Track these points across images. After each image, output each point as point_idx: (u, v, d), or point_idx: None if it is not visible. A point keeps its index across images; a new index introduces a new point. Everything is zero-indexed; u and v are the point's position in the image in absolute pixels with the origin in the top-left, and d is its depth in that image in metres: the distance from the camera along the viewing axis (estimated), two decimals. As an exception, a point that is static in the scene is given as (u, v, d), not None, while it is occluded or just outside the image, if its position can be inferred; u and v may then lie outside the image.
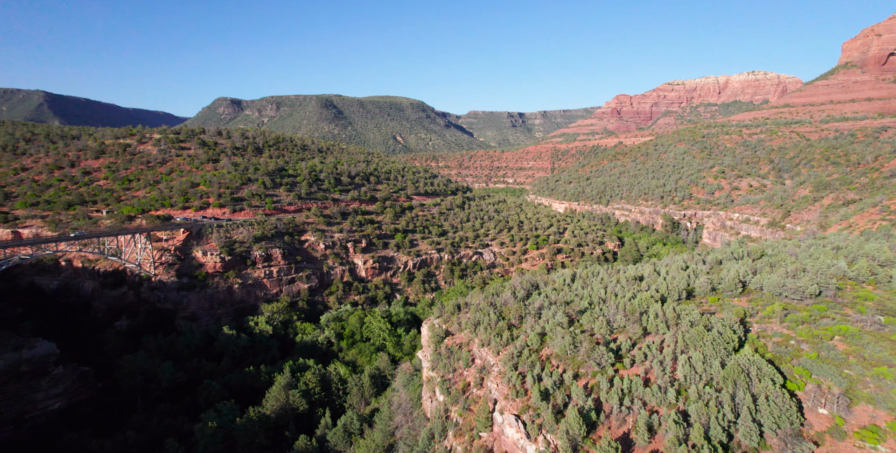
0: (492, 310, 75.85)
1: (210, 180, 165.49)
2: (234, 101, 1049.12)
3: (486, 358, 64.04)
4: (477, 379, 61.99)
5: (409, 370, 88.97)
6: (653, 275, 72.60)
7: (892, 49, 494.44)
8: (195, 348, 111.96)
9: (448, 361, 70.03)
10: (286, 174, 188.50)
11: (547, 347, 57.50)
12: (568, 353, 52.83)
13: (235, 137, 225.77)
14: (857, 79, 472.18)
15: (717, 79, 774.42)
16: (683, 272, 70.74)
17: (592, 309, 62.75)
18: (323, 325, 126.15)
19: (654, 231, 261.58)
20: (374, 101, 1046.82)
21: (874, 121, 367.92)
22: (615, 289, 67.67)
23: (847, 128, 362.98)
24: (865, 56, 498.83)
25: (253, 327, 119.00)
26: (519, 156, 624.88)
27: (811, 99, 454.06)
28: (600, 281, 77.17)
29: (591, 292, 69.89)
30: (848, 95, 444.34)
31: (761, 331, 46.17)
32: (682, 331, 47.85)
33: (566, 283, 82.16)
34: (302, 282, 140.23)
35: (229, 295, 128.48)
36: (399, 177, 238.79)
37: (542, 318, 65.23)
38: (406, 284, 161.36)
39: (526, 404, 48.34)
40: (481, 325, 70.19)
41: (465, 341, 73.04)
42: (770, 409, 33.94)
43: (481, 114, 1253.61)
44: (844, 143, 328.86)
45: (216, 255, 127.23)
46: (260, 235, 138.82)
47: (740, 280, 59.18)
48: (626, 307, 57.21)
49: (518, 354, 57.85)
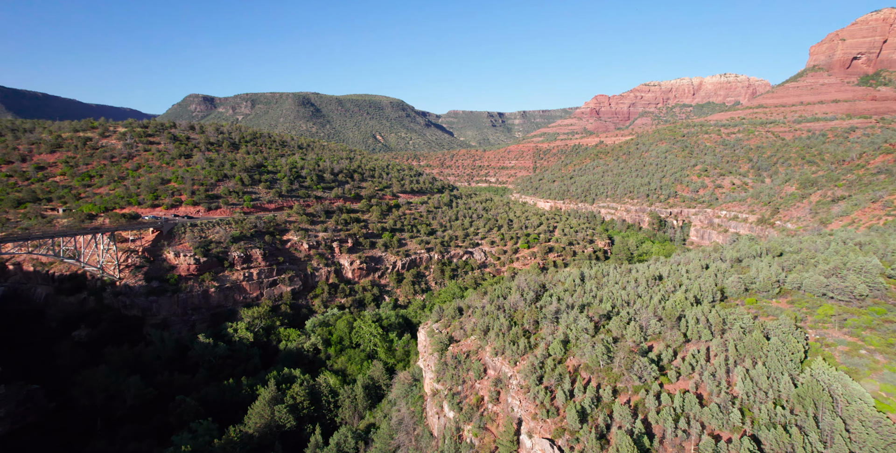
0: (501, 313, 69.56)
1: (182, 176, 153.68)
2: (207, 98, 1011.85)
3: (500, 368, 57.62)
4: (492, 392, 55.46)
5: (408, 380, 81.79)
6: (673, 274, 67.67)
7: (856, 53, 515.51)
8: (166, 359, 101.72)
9: (456, 371, 63.31)
10: (265, 170, 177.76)
11: (573, 357, 51.45)
12: (601, 364, 46.87)
13: (209, 132, 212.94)
14: (825, 81, 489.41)
15: (692, 80, 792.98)
16: (706, 271, 66.07)
17: (617, 312, 57.13)
18: (308, 331, 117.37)
19: (641, 229, 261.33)
20: (352, 100, 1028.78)
21: (843, 121, 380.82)
22: (637, 289, 62.28)
23: (818, 128, 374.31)
24: (831, 59, 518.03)
25: (232, 334, 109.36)
26: (501, 156, 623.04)
27: (783, 100, 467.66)
28: (615, 281, 71.90)
29: (610, 294, 64.37)
30: (817, 97, 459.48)
31: (821, 338, 41.27)
32: (732, 338, 42.40)
33: (577, 284, 76.63)
34: (284, 284, 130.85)
35: (205, 299, 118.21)
36: (384, 175, 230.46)
37: (560, 323, 59.27)
38: (395, 285, 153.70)
39: (560, 426, 42.10)
40: (492, 331, 63.76)
41: (474, 349, 66.49)
42: (868, 437, 28.70)
43: (461, 114, 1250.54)
44: (817, 143, 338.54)
45: (190, 257, 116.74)
46: (238, 235, 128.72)
47: (776, 279, 54.63)
48: (658, 310, 51.66)
49: (540, 365, 51.64)
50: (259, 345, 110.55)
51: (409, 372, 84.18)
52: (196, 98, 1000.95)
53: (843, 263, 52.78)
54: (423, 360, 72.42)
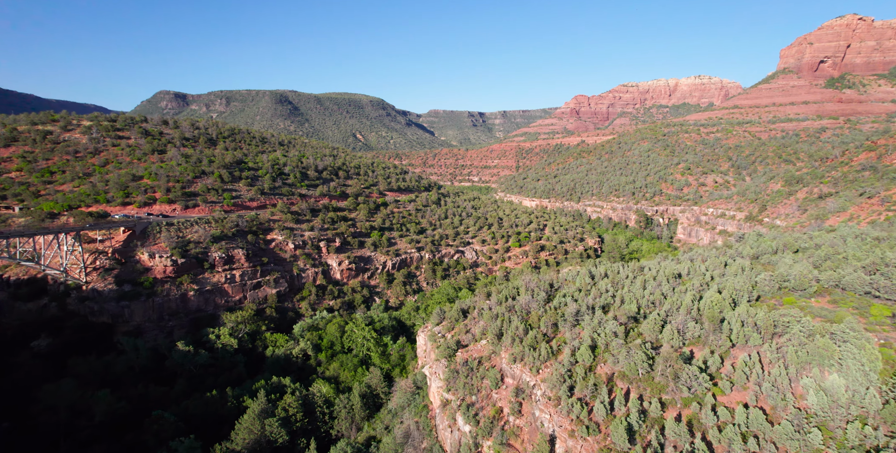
0: (513, 316, 64.90)
1: (156, 173, 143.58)
2: (179, 95, 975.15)
3: (520, 376, 52.84)
4: (513, 404, 50.62)
5: (409, 388, 76.27)
6: (693, 272, 64.25)
7: (822, 57, 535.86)
8: (140, 370, 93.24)
9: (468, 380, 58.32)
10: (246, 167, 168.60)
11: (604, 364, 47.06)
12: (639, 373, 42.58)
13: (184, 127, 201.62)
14: (795, 83, 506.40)
15: (668, 81, 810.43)
16: (728, 268, 62.92)
17: (644, 315, 53.03)
18: (297, 336, 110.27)
19: (627, 227, 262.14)
20: (331, 98, 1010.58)
21: (814, 122, 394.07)
22: (661, 289, 58.49)
23: (792, 128, 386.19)
24: (800, 63, 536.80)
25: (214, 341, 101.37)
26: (483, 155, 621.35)
27: (756, 101, 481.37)
28: (631, 280, 68.14)
29: (629, 293, 60.40)
30: (788, 98, 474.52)
31: (886, 342, 38.04)
32: (790, 343, 38.49)
33: (590, 283, 72.65)
34: (269, 286, 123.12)
35: (183, 303, 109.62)
36: (369, 173, 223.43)
37: (582, 326, 54.92)
38: (385, 286, 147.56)
39: (604, 445, 37.65)
40: (506, 336, 58.94)
41: (486, 354, 61.57)
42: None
43: (442, 113, 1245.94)
44: (792, 142, 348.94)
45: (166, 258, 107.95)
46: (219, 234, 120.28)
47: (812, 277, 51.66)
48: (693, 312, 47.73)
49: (568, 373, 47.05)
50: (244, 352, 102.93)
51: (409, 379, 78.64)
52: (167, 95, 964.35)
53: (882, 259, 50.17)
54: (429, 367, 67.11)
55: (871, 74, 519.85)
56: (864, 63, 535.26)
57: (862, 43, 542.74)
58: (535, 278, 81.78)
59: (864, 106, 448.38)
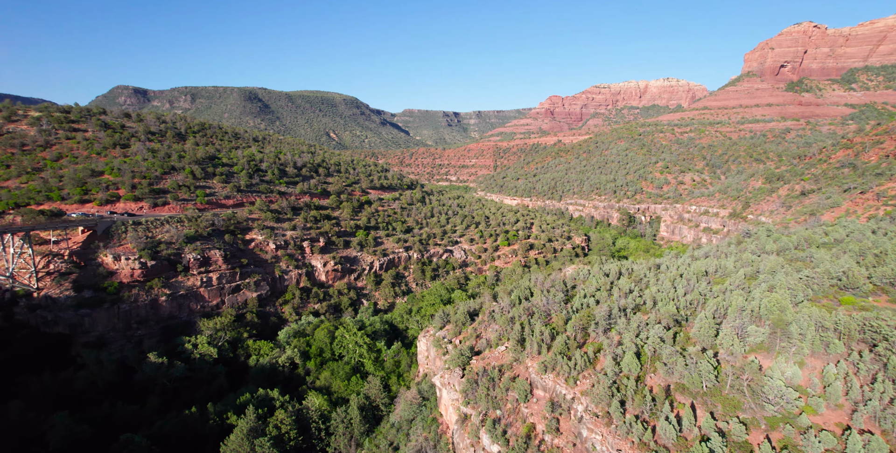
0: (533, 319, 59.69)
1: (119, 168, 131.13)
2: (139, 91, 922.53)
3: (553, 388, 47.46)
4: (549, 420, 45.17)
5: (415, 399, 69.88)
6: (722, 269, 60.60)
7: (783, 61, 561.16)
8: (105, 386, 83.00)
9: (490, 392, 52.59)
10: (219, 163, 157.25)
11: (653, 374, 42.12)
12: (703, 385, 37.80)
13: (149, 120, 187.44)
14: (759, 86, 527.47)
15: (638, 83, 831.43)
16: (760, 264, 59.43)
17: (684, 316, 48.66)
18: (283, 343, 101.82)
19: (610, 225, 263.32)
20: (303, 96, 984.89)
21: (779, 123, 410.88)
22: (696, 288, 54.24)
23: (759, 128, 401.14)
24: (763, 66, 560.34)
25: (190, 350, 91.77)
26: (461, 154, 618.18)
27: (724, 103, 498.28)
28: (655, 278, 64.11)
29: (659, 293, 56.01)
30: (753, 100, 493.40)
31: None
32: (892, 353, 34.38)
33: (610, 282, 68.28)
34: (249, 289, 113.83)
35: (153, 310, 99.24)
36: (350, 170, 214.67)
37: (616, 330, 50.10)
38: (373, 288, 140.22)
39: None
40: (531, 342, 53.56)
41: (506, 362, 55.98)
42: None
43: (417, 113, 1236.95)
44: (760, 142, 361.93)
45: (134, 260, 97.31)
46: (193, 234, 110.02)
47: (867, 274, 48.72)
48: (749, 312, 43.32)
49: (614, 386, 41.89)
50: (224, 362, 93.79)
51: (414, 389, 72.18)
52: (125, 90, 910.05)
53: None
54: (440, 377, 60.93)
55: (826, 79, 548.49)
56: (820, 68, 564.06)
57: (817, 49, 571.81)
58: (545, 277, 77.13)
59: (822, 109, 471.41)
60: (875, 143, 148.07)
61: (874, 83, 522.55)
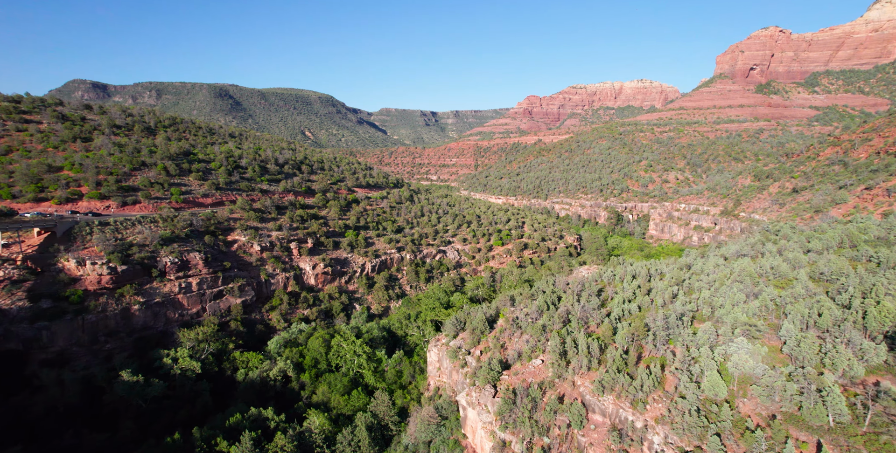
0: (569, 327, 53.74)
1: (82, 163, 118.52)
2: (98, 85, 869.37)
3: (615, 413, 41.40)
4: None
5: (431, 418, 62.80)
6: (777, 271, 55.56)
7: (752, 64, 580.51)
8: (68, 411, 72.65)
9: (532, 414, 46.24)
10: (195, 159, 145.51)
11: (746, 399, 36.19)
12: (829, 420, 31.93)
13: (114, 113, 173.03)
14: (731, 88, 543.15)
15: (613, 84, 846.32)
16: (820, 264, 54.70)
17: (756, 327, 43.34)
18: (273, 353, 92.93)
19: (597, 224, 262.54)
20: (277, 93, 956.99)
21: (753, 123, 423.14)
22: (763, 293, 48.76)
23: (734, 128, 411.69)
24: (734, 69, 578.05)
25: (169, 365, 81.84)
26: (441, 153, 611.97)
27: (699, 103, 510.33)
28: (699, 280, 58.94)
29: (718, 298, 50.07)
30: (726, 102, 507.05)
31: None
32: None
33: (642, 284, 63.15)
34: (233, 295, 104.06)
35: (125, 320, 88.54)
36: (335, 168, 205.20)
37: (677, 341, 44.42)
38: (366, 291, 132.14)
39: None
40: (577, 355, 47.47)
41: (547, 379, 49.74)
42: None
43: (394, 112, 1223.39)
44: (736, 142, 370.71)
45: (101, 265, 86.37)
46: (169, 235, 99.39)
47: None
48: (859, 325, 37.96)
49: (697, 412, 35.88)
50: (209, 377, 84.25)
51: (430, 406, 65.09)
52: (83, 84, 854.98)
53: None
54: (465, 395, 54.25)
55: (792, 82, 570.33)
56: (786, 72, 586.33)
57: (783, 53, 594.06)
58: (567, 279, 71.66)
59: (789, 110, 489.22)
60: (864, 141, 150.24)
61: (835, 87, 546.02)
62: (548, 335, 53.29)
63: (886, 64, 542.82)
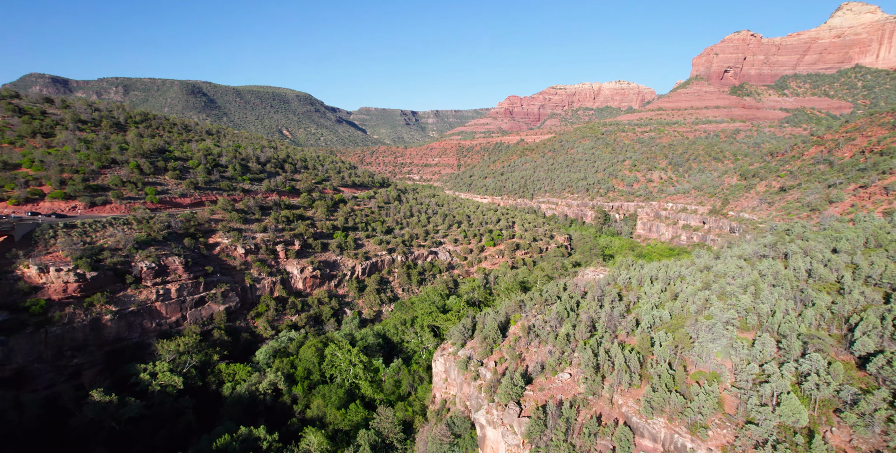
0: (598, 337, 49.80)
1: (43, 160, 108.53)
2: (58, 80, 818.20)
3: (670, 439, 37.33)
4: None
5: (443, 436, 58.01)
6: (818, 274, 52.35)
7: (726, 67, 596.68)
8: (28, 437, 64.75)
9: (565, 436, 41.99)
10: (171, 157, 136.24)
11: (835, 428, 32.42)
12: None
13: (79, 107, 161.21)
14: (707, 90, 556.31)
15: (592, 85, 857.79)
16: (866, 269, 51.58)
17: (828, 339, 39.89)
18: (262, 365, 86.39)
19: (584, 223, 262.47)
20: (253, 91, 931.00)
21: (729, 124, 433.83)
22: (809, 298, 45.41)
23: (712, 129, 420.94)
24: (709, 71, 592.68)
25: (147, 381, 74.44)
26: (423, 153, 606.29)
27: (677, 104, 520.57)
28: (724, 283, 55.69)
29: (763, 305, 46.25)
30: (703, 103, 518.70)
31: None
32: None
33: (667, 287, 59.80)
34: (216, 302, 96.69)
35: (95, 332, 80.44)
36: (319, 167, 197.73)
37: (738, 358, 40.34)
38: (356, 295, 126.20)
39: None
40: (618, 371, 43.11)
41: (578, 396, 45.31)
42: None
43: (374, 111, 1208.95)
44: (715, 142, 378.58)
45: (68, 271, 78.07)
46: (145, 238, 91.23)
47: None
48: None
49: (781, 445, 31.82)
50: (192, 392, 77.21)
51: (443, 424, 60.20)
52: (41, 78, 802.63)
53: None
54: (487, 413, 49.69)
55: (763, 85, 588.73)
56: (757, 74, 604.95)
57: (754, 56, 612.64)
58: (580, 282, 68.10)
59: (762, 112, 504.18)
60: (847, 140, 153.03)
61: (802, 90, 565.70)
62: (573, 345, 49.23)
63: (848, 69, 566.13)
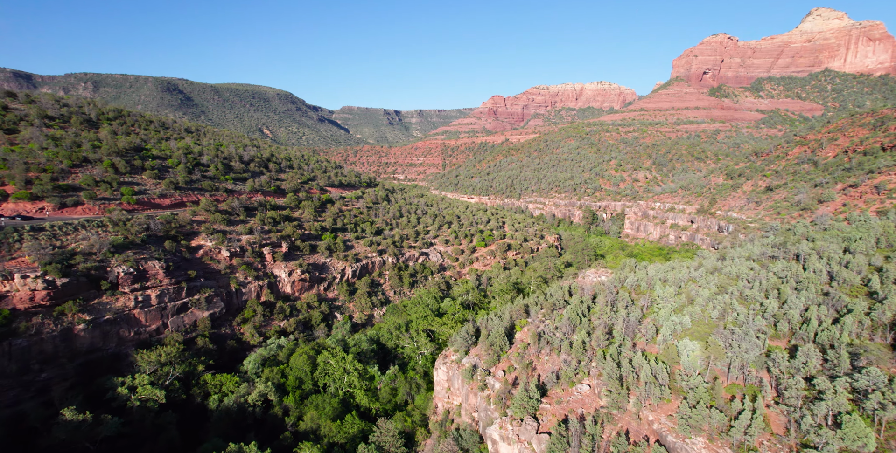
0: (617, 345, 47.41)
1: (5, 159, 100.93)
2: (21, 75, 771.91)
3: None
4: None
5: (450, 452, 54.83)
6: (841, 276, 51.04)
7: (705, 68, 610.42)
8: (-4, 460, 59.01)
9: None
10: (149, 155, 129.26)
11: None
12: None
13: (45, 102, 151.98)
14: (687, 91, 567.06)
15: (575, 86, 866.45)
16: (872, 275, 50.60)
17: (867, 347, 38.08)
18: (250, 374, 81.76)
19: (572, 223, 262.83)
20: (231, 89, 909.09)
21: (710, 125, 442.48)
22: (845, 304, 43.61)
23: (693, 129, 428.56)
24: (689, 72, 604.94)
25: (125, 395, 69.08)
26: (408, 152, 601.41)
27: (658, 105, 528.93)
28: (753, 288, 53.57)
29: (793, 310, 44.33)
30: (683, 104, 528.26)
31: None
32: None
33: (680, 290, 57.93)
34: (199, 308, 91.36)
35: (66, 343, 74.54)
36: (304, 166, 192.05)
37: (779, 370, 38.09)
38: (347, 299, 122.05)
39: None
40: (646, 383, 40.45)
41: (602, 410, 42.38)
42: None
43: (356, 110, 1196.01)
44: (697, 142, 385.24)
45: (35, 278, 71.95)
46: (122, 242, 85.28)
47: None
48: None
49: None
50: (175, 406, 72.13)
51: (450, 438, 56.96)
52: (2, 72, 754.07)
53: None
54: (501, 429, 46.71)
55: (740, 87, 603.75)
56: (734, 77, 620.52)
57: (731, 59, 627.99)
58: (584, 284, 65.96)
59: (739, 113, 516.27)
60: (830, 140, 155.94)
61: (776, 92, 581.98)
62: (590, 354, 46.75)
63: (819, 72, 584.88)
